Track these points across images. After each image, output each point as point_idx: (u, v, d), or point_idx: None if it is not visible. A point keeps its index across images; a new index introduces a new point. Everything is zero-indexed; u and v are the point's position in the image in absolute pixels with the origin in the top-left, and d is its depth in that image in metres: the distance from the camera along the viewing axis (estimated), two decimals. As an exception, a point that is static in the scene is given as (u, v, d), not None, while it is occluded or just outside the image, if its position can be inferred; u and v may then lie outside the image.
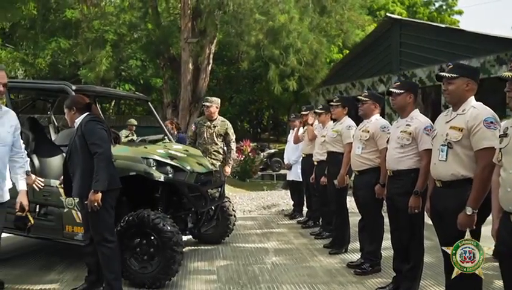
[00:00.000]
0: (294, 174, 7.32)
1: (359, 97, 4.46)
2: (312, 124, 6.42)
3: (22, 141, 3.45)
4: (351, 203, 5.39)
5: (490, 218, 2.62)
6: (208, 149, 6.08)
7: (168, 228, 3.96)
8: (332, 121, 5.56)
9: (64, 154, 4.22)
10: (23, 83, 5.95)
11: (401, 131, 3.67)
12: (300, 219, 7.17)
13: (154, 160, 4.37)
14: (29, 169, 3.75)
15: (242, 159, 14.60)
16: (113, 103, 27.19)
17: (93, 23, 13.85)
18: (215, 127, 6.20)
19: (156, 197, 4.52)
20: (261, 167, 18.17)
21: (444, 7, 29.89)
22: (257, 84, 24.80)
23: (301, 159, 6.93)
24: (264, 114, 33.14)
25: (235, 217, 5.73)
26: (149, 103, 5.89)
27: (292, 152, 7.46)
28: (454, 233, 2.82)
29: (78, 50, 14.71)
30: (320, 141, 5.80)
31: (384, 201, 4.10)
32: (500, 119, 2.83)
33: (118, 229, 3.90)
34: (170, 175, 4.38)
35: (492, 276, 4.10)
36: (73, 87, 4.45)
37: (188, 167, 4.59)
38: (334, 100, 5.31)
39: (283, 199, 8.73)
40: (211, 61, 13.71)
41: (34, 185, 3.87)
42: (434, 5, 29.58)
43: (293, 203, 7.67)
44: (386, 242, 4.34)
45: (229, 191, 10.09)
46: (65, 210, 4.38)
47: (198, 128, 6.30)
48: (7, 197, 3.17)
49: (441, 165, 2.94)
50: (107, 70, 13.80)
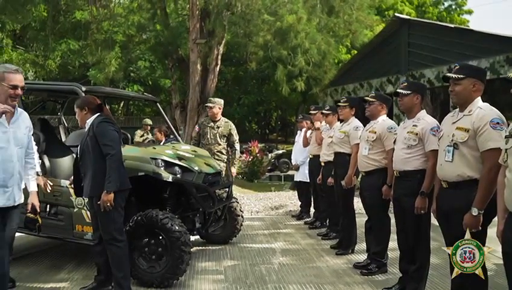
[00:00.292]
0: (302, 175, 7.33)
1: (366, 98, 4.47)
2: (319, 129, 6.44)
3: (34, 142, 3.51)
4: (358, 204, 5.40)
5: (496, 219, 2.63)
6: (211, 150, 6.12)
7: (176, 228, 4.00)
8: (339, 122, 5.57)
9: (74, 155, 4.29)
10: (34, 85, 6.01)
11: (408, 132, 3.68)
12: (308, 219, 7.18)
13: (162, 160, 4.42)
14: (40, 170, 3.81)
15: (250, 160, 14.64)
16: (122, 104, 27.37)
17: (102, 24, 13.96)
18: (218, 128, 6.26)
19: (164, 197, 4.56)
20: (269, 167, 18.20)
21: (453, 7, 29.70)
22: (265, 85, 24.85)
23: (308, 160, 6.94)
24: (272, 115, 33.15)
25: (242, 217, 5.75)
26: (157, 104, 5.95)
27: (300, 153, 7.47)
28: (460, 234, 2.82)
29: (87, 51, 14.84)
30: (327, 141, 5.81)
31: (391, 202, 4.12)
32: (507, 120, 2.84)
33: (126, 229, 3.94)
34: (178, 175, 4.43)
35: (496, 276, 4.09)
36: (83, 89, 4.51)
37: (195, 168, 4.64)
38: (341, 101, 5.32)
39: (290, 200, 8.74)
40: (219, 62, 13.76)
41: (43, 187, 3.93)
42: (443, 4, 29.40)
43: (300, 204, 7.68)
44: (393, 243, 4.34)
45: (237, 191, 10.14)
46: (75, 210, 4.44)
47: (202, 129, 6.36)
48: (23, 198, 3.24)
49: (447, 166, 2.95)
50: (116, 71, 13.89)
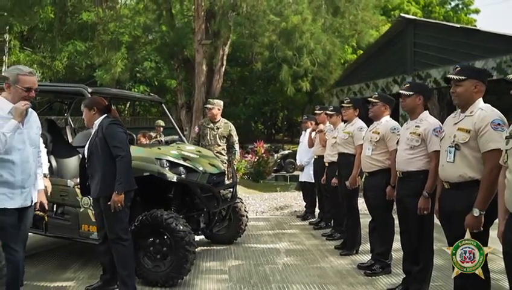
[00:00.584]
0: (307, 175, 7.35)
1: (369, 99, 4.49)
2: (321, 131, 6.48)
3: (42, 141, 3.57)
4: (362, 204, 5.40)
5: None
6: (211, 150, 6.16)
7: (181, 227, 4.04)
8: (343, 123, 5.59)
9: (80, 156, 4.34)
10: (41, 86, 6.06)
11: (411, 132, 3.70)
12: (313, 220, 7.19)
13: (167, 161, 4.46)
14: (47, 172, 3.86)
15: (255, 160, 14.68)
16: (128, 104, 27.50)
17: (108, 25, 14.05)
18: (218, 128, 6.32)
19: (169, 197, 4.60)
20: (275, 168, 18.24)
21: (460, 6, 29.52)
22: (271, 85, 24.85)
23: (313, 160, 6.96)
24: (279, 115, 33.15)
25: (247, 217, 5.78)
26: (163, 105, 5.99)
27: (304, 153, 7.49)
28: (462, 234, 2.83)
29: (94, 52, 14.97)
30: (331, 142, 5.83)
31: (395, 202, 4.13)
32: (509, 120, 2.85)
33: (132, 228, 3.99)
34: (183, 176, 4.47)
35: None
36: (89, 90, 4.56)
37: (200, 168, 4.68)
38: (344, 102, 5.34)
39: (296, 200, 8.76)
40: (225, 63, 13.80)
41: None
42: (450, 4, 29.24)
43: (305, 204, 7.69)
44: (397, 244, 4.35)
45: (242, 192, 10.16)
46: (81, 210, 4.49)
47: (201, 130, 6.43)
48: (36, 197, 3.30)
49: (449, 167, 2.96)
50: (122, 72, 14.00)
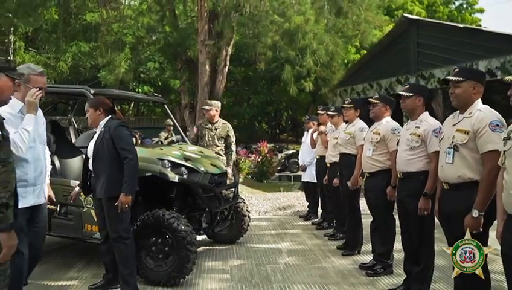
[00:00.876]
0: (309, 175, 7.37)
1: (370, 100, 4.51)
2: (322, 132, 6.51)
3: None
4: (363, 204, 5.41)
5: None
6: None
7: (183, 227, 4.07)
8: (344, 123, 5.60)
9: (83, 156, 4.38)
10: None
11: (411, 133, 3.71)
12: (315, 220, 7.21)
13: (169, 161, 4.50)
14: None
15: (259, 160, 14.70)
16: (132, 104, 27.60)
17: (112, 26, 14.11)
18: (216, 129, 6.36)
19: (171, 197, 4.64)
20: (279, 168, 18.24)
21: (464, 5, 29.40)
22: (275, 85, 24.85)
23: (315, 160, 6.98)
24: (283, 115, 33.15)
25: (249, 217, 5.81)
26: (165, 105, 6.03)
27: (307, 154, 7.51)
28: (461, 235, 2.84)
29: (97, 53, 15.02)
30: (332, 142, 5.84)
31: (395, 203, 4.14)
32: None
33: (134, 228, 4.03)
34: (184, 176, 4.51)
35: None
36: (92, 91, 4.60)
37: (201, 168, 4.71)
38: (345, 102, 5.36)
39: (299, 200, 8.77)
40: (228, 63, 13.84)
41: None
42: (454, 3, 29.11)
43: (307, 204, 7.71)
44: (398, 244, 4.35)
45: (246, 192, 10.20)
46: (84, 209, 4.53)
47: (200, 130, 6.49)
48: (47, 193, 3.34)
49: (448, 168, 2.98)
50: (126, 72, 14.06)
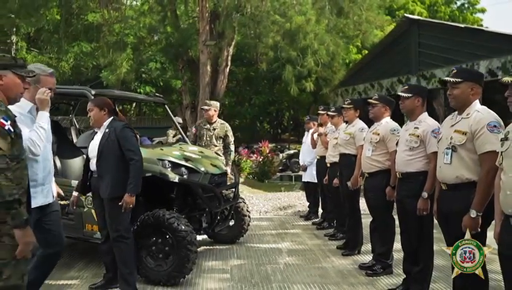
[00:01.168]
0: (310, 175, 7.38)
1: (369, 100, 4.52)
2: (321, 134, 6.55)
3: None
4: (363, 204, 5.43)
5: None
6: None
7: (183, 227, 4.08)
8: (345, 123, 5.62)
9: (84, 156, 4.40)
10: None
11: (410, 134, 3.72)
12: (316, 220, 7.22)
13: (169, 161, 4.52)
14: None
15: (260, 160, 14.72)
16: (134, 104, 27.64)
17: (114, 26, 14.18)
18: (214, 129, 6.41)
19: (171, 197, 4.66)
20: (280, 167, 18.25)
21: (466, 5, 29.37)
22: (276, 85, 24.87)
23: (316, 160, 6.99)
24: (285, 115, 33.14)
25: (249, 217, 5.82)
26: (166, 106, 6.05)
27: (307, 154, 7.52)
28: (460, 235, 2.85)
29: (99, 53, 15.09)
30: (332, 143, 5.86)
31: (395, 203, 4.15)
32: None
33: (134, 228, 4.05)
34: (184, 176, 4.53)
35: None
36: (93, 92, 4.62)
37: (202, 169, 4.73)
38: (345, 103, 5.37)
39: (299, 200, 8.79)
40: (229, 63, 13.88)
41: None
42: (455, 3, 29.07)
43: (308, 204, 7.73)
44: (398, 244, 4.36)
45: (247, 191, 10.23)
46: (85, 209, 4.56)
47: (198, 130, 6.52)
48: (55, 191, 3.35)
49: (446, 168, 2.99)
50: (128, 72, 14.11)
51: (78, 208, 4.59)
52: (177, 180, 4.40)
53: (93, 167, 3.90)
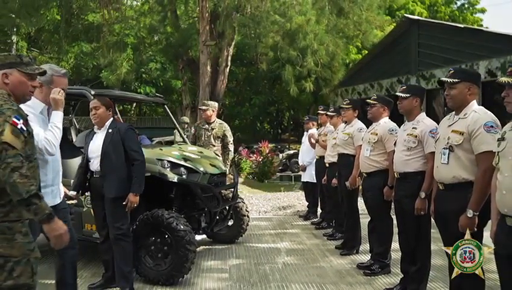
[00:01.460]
0: (309, 175, 7.39)
1: (368, 100, 4.53)
2: (316, 139, 6.70)
3: None
4: (362, 204, 5.44)
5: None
6: None
7: (181, 227, 4.10)
8: (343, 124, 5.63)
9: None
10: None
11: (408, 134, 3.73)
12: (315, 220, 7.23)
13: (168, 161, 4.53)
14: None
15: (260, 160, 14.71)
16: (134, 104, 27.67)
17: (114, 27, 14.21)
18: (212, 129, 6.43)
19: (170, 197, 4.67)
20: (280, 168, 18.25)
21: (466, 5, 29.37)
22: (276, 85, 24.89)
23: (315, 160, 7.01)
24: (285, 115, 33.16)
25: (248, 217, 5.83)
26: (165, 106, 6.06)
27: (306, 154, 7.53)
28: (457, 235, 2.86)
29: (99, 53, 15.12)
30: (331, 143, 5.88)
31: (393, 203, 4.16)
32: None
33: (133, 227, 4.07)
34: (184, 176, 4.54)
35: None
36: (92, 92, 4.64)
37: (201, 169, 4.74)
38: (344, 103, 5.39)
39: (299, 200, 8.79)
40: (229, 63, 13.89)
41: None
42: (455, 3, 29.09)
43: (307, 204, 7.74)
44: (396, 244, 4.37)
45: (246, 191, 10.24)
46: (84, 209, 4.57)
47: (197, 131, 6.54)
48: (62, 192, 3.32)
49: (443, 168, 3.00)
50: (128, 72, 14.14)
51: (78, 207, 4.62)
52: (176, 180, 4.42)
53: (94, 167, 3.92)
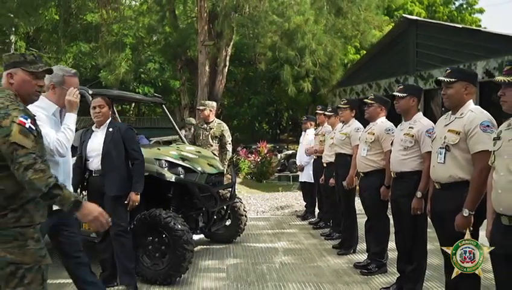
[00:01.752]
0: (306, 175, 7.41)
1: (365, 100, 4.54)
2: (314, 151, 6.79)
3: None
4: (359, 204, 5.45)
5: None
6: None
7: (179, 226, 4.10)
8: (341, 123, 5.64)
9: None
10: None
11: (404, 134, 3.74)
12: (312, 219, 7.24)
13: (166, 161, 4.54)
14: None
15: (258, 160, 14.72)
16: (133, 104, 27.66)
17: (112, 27, 14.21)
18: (211, 129, 6.45)
19: (168, 197, 4.68)
20: (279, 168, 18.26)
21: (464, 6, 29.41)
22: (275, 86, 24.90)
23: (313, 160, 7.02)
24: (283, 115, 33.18)
25: (246, 217, 5.84)
26: (163, 106, 6.06)
27: (304, 154, 7.54)
28: (453, 234, 2.87)
29: (98, 53, 15.11)
30: (329, 143, 5.89)
31: (390, 202, 4.17)
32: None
33: (131, 227, 4.07)
34: (181, 176, 4.55)
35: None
36: (90, 92, 4.64)
37: (198, 168, 4.75)
38: (341, 103, 5.40)
39: (297, 200, 8.81)
40: (228, 63, 13.90)
41: None
42: (454, 4, 29.13)
43: (305, 204, 7.75)
44: (393, 243, 4.38)
45: (245, 191, 10.24)
46: (82, 209, 4.57)
47: (196, 130, 6.58)
48: None
49: (440, 168, 3.01)
50: (127, 72, 14.13)
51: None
52: (173, 179, 4.43)
53: (93, 166, 3.93)
